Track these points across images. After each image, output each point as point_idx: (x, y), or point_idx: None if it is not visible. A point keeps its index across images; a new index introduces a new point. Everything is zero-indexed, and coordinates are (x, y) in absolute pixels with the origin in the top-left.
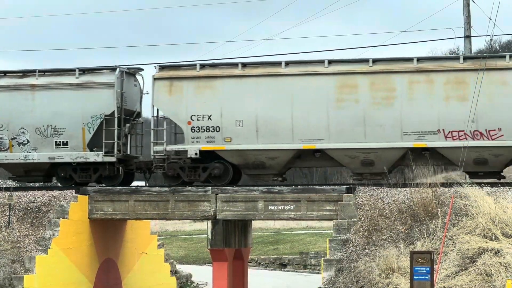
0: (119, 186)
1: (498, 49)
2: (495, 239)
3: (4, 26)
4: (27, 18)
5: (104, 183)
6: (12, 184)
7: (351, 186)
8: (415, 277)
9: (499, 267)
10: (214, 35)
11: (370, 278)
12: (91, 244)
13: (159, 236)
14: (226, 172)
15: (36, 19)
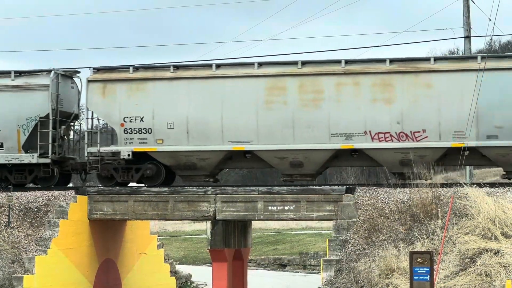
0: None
1: (498, 49)
2: (495, 240)
3: (4, 26)
4: (27, 18)
5: (39, 184)
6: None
7: (351, 186)
8: (415, 277)
9: (499, 267)
10: (214, 36)
11: (369, 278)
12: (90, 244)
13: (159, 236)
14: (158, 173)
15: (36, 19)
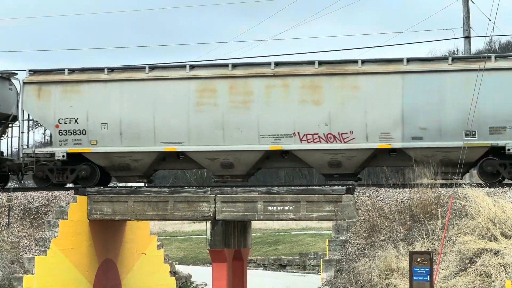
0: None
1: (498, 49)
2: (495, 240)
3: (4, 27)
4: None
5: None
6: (12, 185)
7: (351, 186)
8: (415, 277)
9: (499, 267)
10: (214, 36)
11: (369, 278)
12: (90, 244)
13: (159, 236)
14: (93, 174)
15: (36, 19)
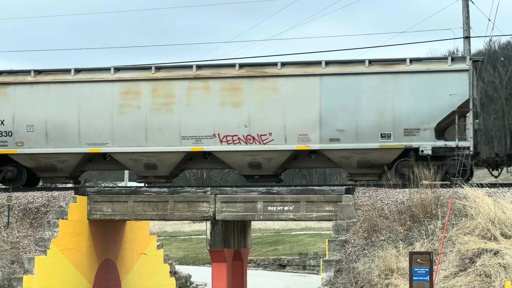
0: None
1: (497, 49)
2: (494, 240)
3: (4, 26)
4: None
5: None
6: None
7: (350, 187)
8: (414, 277)
9: (498, 267)
10: (214, 36)
11: (369, 278)
12: (90, 244)
13: (158, 236)
14: (20, 175)
15: (36, 20)
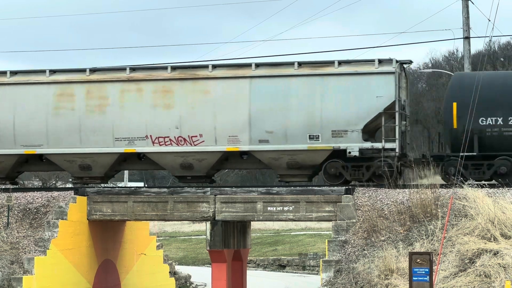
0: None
1: (497, 50)
2: (494, 240)
3: (4, 26)
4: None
5: None
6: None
7: (350, 187)
8: (414, 278)
9: (498, 268)
10: (214, 36)
11: (369, 279)
12: (90, 245)
13: (158, 237)
14: None
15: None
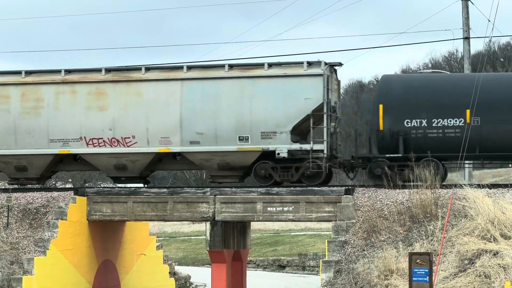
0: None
1: (497, 50)
2: (494, 241)
3: (4, 27)
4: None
5: None
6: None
7: (350, 187)
8: (414, 278)
9: (498, 268)
10: (213, 37)
11: (368, 279)
12: (89, 245)
13: (158, 237)
14: None
15: (35, 20)
